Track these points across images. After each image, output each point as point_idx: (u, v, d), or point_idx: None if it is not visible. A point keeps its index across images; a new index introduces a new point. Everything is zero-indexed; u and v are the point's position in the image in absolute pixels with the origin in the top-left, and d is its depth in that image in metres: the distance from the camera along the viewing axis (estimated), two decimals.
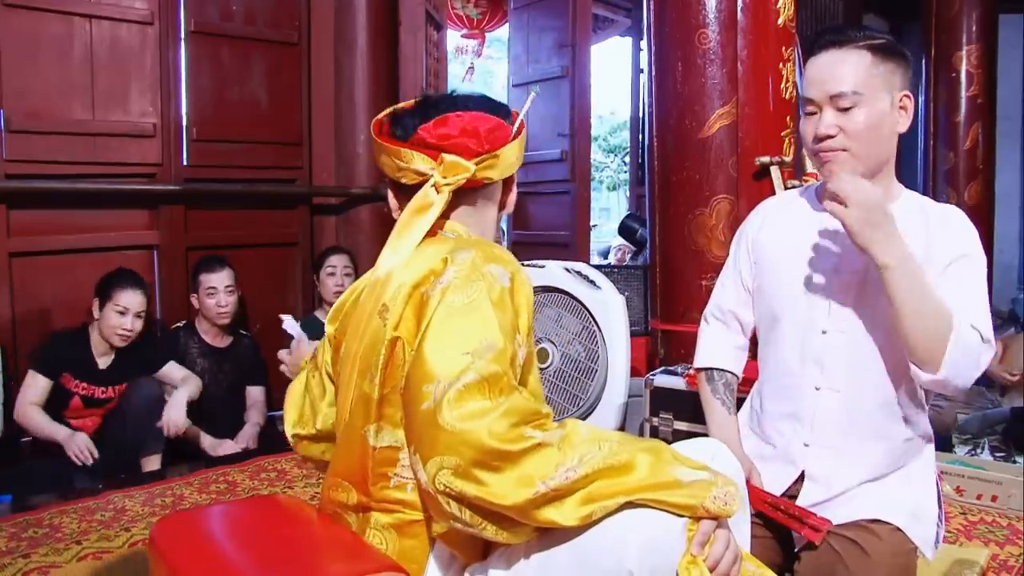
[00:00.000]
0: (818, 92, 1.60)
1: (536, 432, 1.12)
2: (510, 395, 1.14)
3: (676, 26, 3.29)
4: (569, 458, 1.11)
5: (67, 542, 2.43)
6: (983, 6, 6.39)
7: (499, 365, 1.15)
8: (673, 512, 1.13)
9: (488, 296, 1.22)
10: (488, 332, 1.18)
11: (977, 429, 3.77)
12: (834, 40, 1.60)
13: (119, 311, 3.20)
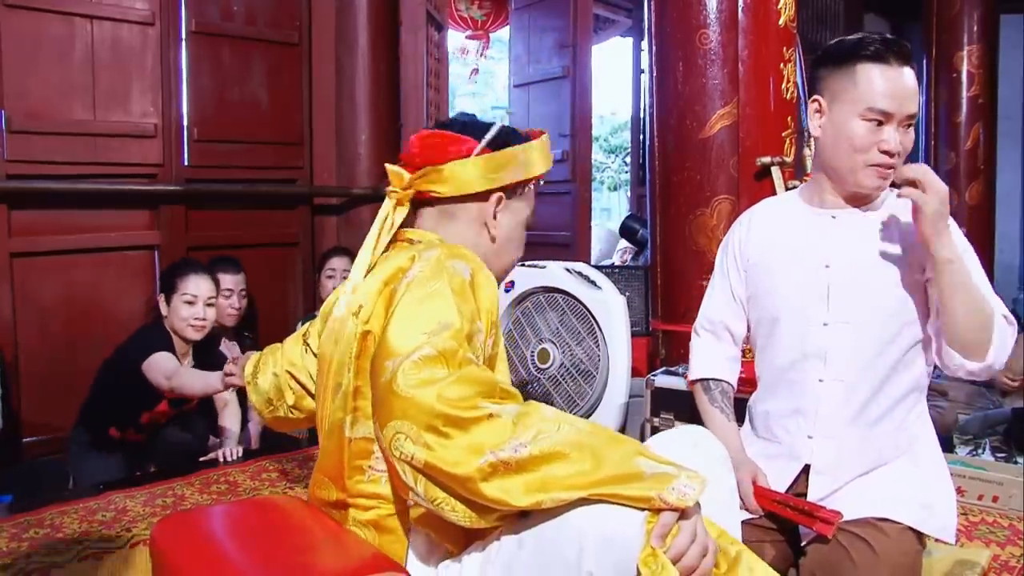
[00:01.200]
0: (898, 108, 1.59)
1: (490, 404, 1.14)
2: (466, 367, 1.17)
3: (677, 26, 3.29)
4: (523, 433, 1.11)
5: (68, 542, 2.43)
6: (984, 6, 6.38)
7: (455, 341, 1.20)
8: (631, 505, 1.12)
9: (449, 285, 1.28)
10: (446, 314, 1.24)
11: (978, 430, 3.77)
12: (902, 55, 1.60)
13: (188, 300, 3.00)
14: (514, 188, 1.55)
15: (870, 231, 1.69)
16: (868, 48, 1.60)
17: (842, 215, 1.72)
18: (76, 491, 2.86)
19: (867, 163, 1.61)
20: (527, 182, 1.57)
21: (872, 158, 1.61)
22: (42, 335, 3.48)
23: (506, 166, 1.51)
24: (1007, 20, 6.99)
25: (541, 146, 1.58)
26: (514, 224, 1.58)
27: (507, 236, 1.56)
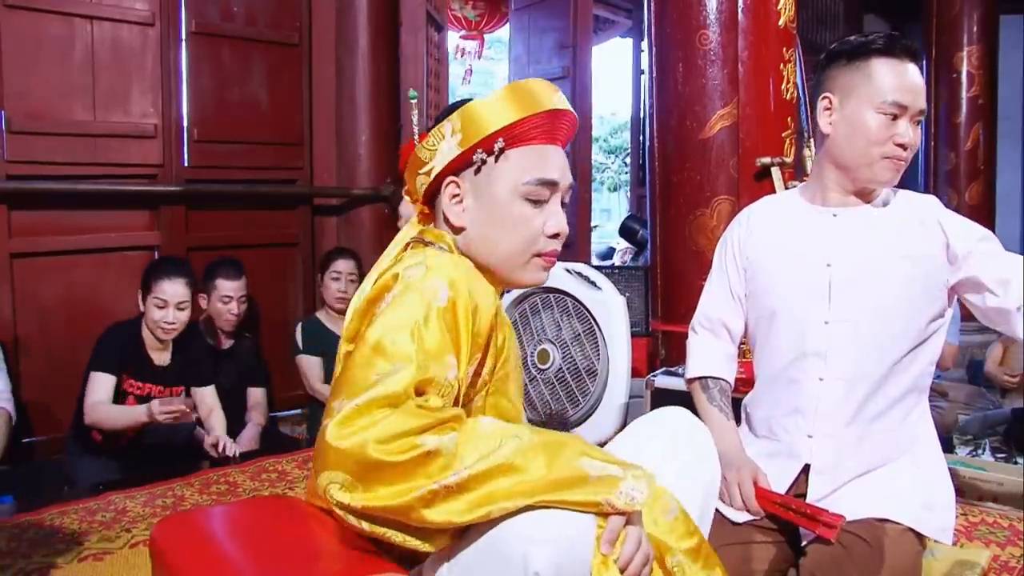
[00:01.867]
0: (912, 102, 1.63)
1: (429, 438, 1.07)
2: (403, 408, 1.09)
3: (677, 27, 3.29)
4: (466, 458, 1.07)
5: (68, 543, 2.43)
6: (984, 7, 6.39)
7: (401, 386, 1.10)
8: (579, 510, 1.08)
9: (420, 315, 1.17)
10: (402, 356, 1.13)
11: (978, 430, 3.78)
12: (912, 53, 1.64)
13: (158, 304, 3.04)
14: (468, 161, 1.30)
15: (872, 229, 1.69)
16: (881, 44, 1.63)
17: (843, 213, 1.72)
18: (76, 492, 2.86)
19: (882, 155, 1.64)
20: (483, 145, 1.28)
21: (887, 151, 1.63)
22: (42, 336, 3.48)
23: (441, 142, 1.31)
24: (1007, 20, 7.00)
25: (510, 92, 1.31)
26: (490, 200, 1.31)
27: (484, 219, 1.31)
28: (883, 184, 1.68)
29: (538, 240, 1.31)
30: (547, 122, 1.31)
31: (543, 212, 1.32)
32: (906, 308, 1.66)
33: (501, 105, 1.29)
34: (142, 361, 3.11)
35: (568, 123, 1.35)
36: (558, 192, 1.33)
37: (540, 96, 1.30)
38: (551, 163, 1.32)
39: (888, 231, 1.69)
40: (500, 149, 1.28)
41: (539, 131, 1.31)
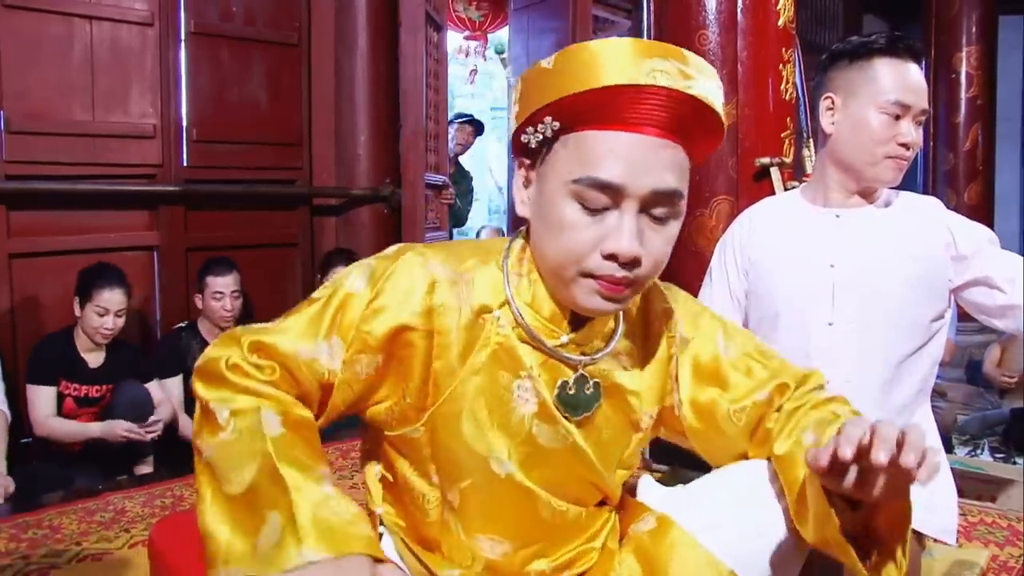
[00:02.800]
0: (915, 102, 1.63)
1: (214, 395, 1.00)
2: (226, 353, 1.02)
3: (676, 27, 3.29)
4: (213, 446, 0.98)
5: (67, 543, 2.43)
6: (983, 7, 6.39)
7: (248, 334, 1.04)
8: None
9: (325, 292, 1.07)
10: (290, 314, 1.07)
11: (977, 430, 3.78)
12: (915, 53, 1.65)
13: (99, 312, 3.15)
14: (526, 140, 1.01)
15: (875, 230, 1.69)
16: (884, 44, 1.64)
17: (846, 214, 1.72)
18: (75, 492, 2.86)
19: (885, 155, 1.65)
20: (532, 121, 0.99)
21: (890, 150, 1.64)
22: (39, 336, 3.48)
23: (519, 116, 1.03)
24: (1006, 21, 7.00)
25: (578, 54, 0.95)
26: (544, 191, 1.01)
27: (538, 214, 1.03)
28: (886, 184, 1.68)
29: (586, 257, 0.97)
30: (619, 101, 0.93)
31: (601, 223, 0.97)
32: (910, 309, 1.66)
33: (559, 70, 0.96)
34: (77, 365, 3.21)
35: (678, 105, 0.94)
36: (630, 200, 0.95)
37: (621, 61, 0.92)
38: (621, 158, 0.94)
39: (891, 232, 1.69)
40: (553, 131, 0.98)
41: (613, 111, 0.94)
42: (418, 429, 1.07)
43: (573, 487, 1.14)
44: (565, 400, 1.08)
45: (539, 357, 1.08)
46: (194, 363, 1.01)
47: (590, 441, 1.12)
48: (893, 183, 1.69)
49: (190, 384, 3.30)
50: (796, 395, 1.17)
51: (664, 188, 0.96)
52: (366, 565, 0.90)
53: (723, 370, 1.18)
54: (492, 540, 1.12)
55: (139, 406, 3.21)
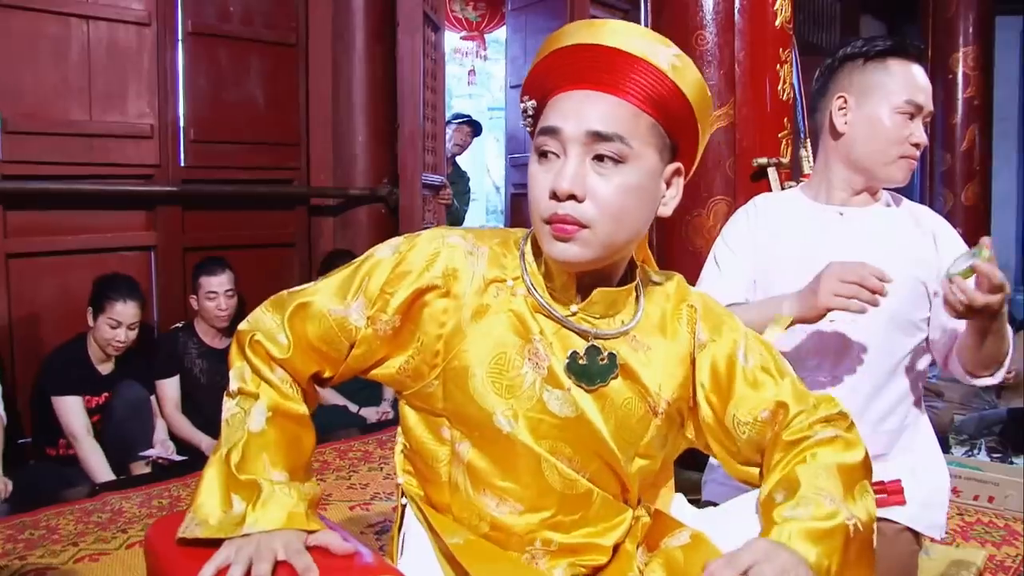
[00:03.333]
0: (926, 102, 1.65)
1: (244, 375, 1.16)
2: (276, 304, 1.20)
3: (673, 27, 3.29)
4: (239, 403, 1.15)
5: (64, 543, 2.43)
6: (980, 8, 6.39)
7: (292, 298, 1.19)
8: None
9: (362, 259, 1.21)
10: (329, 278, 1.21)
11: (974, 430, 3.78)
12: (920, 56, 1.67)
13: (111, 324, 3.15)
14: (525, 126, 1.20)
15: (877, 229, 1.70)
16: (898, 46, 1.66)
17: (850, 212, 1.73)
18: (71, 492, 2.85)
19: (900, 155, 1.67)
20: (522, 104, 1.18)
21: (904, 150, 1.66)
22: (38, 336, 3.48)
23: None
24: (1003, 22, 7.00)
25: (543, 46, 1.14)
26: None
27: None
28: (897, 183, 1.70)
29: (541, 203, 1.08)
30: (566, 63, 1.08)
31: (550, 171, 1.08)
32: (909, 307, 1.66)
33: (534, 61, 1.13)
34: (90, 375, 3.21)
35: (618, 64, 1.06)
36: (572, 144, 1.06)
37: (563, 33, 1.10)
38: (565, 110, 1.07)
39: (892, 231, 1.70)
40: (535, 110, 1.15)
41: (561, 76, 1.09)
42: (432, 383, 1.16)
43: (587, 462, 1.16)
44: (576, 370, 1.13)
45: (552, 326, 1.15)
46: (190, 364, 1.10)
47: (604, 416, 1.15)
48: (903, 183, 1.70)
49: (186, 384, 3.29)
50: (796, 424, 1.18)
51: (601, 130, 1.05)
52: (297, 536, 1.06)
53: (736, 379, 1.20)
54: (498, 498, 1.16)
55: (137, 409, 3.21)
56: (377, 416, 3.87)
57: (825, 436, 1.16)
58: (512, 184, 6.57)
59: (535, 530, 1.16)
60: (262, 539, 1.03)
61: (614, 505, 1.20)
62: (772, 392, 1.20)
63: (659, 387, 1.18)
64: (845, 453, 1.15)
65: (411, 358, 1.17)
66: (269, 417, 1.13)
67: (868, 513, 1.11)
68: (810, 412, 1.19)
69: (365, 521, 2.67)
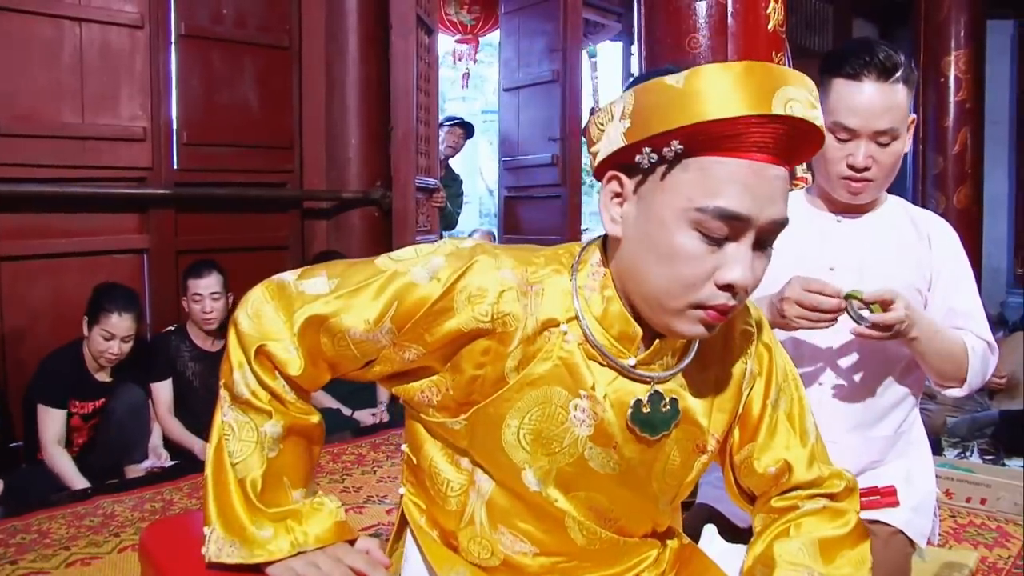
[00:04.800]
0: (862, 125, 1.57)
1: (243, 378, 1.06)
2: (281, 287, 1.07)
3: (666, 31, 3.30)
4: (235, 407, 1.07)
5: (55, 548, 2.42)
6: (971, 11, 6.42)
7: (296, 285, 1.07)
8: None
9: (393, 258, 1.06)
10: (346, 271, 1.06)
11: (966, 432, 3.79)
12: (880, 70, 1.56)
13: (104, 336, 3.10)
14: (631, 159, 0.96)
15: (875, 236, 1.69)
16: (843, 63, 1.58)
17: (847, 218, 1.72)
18: (63, 496, 2.84)
19: (839, 175, 1.62)
20: (653, 143, 0.92)
21: (842, 171, 1.61)
22: (30, 340, 3.46)
23: (610, 123, 0.98)
24: (994, 25, 7.04)
25: (712, 75, 0.89)
26: (652, 216, 0.95)
27: (641, 238, 0.97)
28: (846, 202, 1.67)
29: (701, 287, 0.94)
30: (760, 130, 0.89)
31: (720, 253, 0.93)
32: None
33: (691, 93, 0.89)
34: (86, 383, 3.17)
35: (801, 134, 0.92)
36: (750, 231, 0.93)
37: (755, 89, 0.88)
38: (747, 188, 0.91)
39: (890, 237, 1.69)
40: (676, 154, 0.92)
41: (743, 140, 0.90)
42: (459, 422, 1.06)
43: (621, 515, 1.11)
44: (641, 420, 1.03)
45: (607, 376, 1.03)
46: (183, 368, 1.05)
47: (650, 467, 1.08)
48: (853, 202, 1.67)
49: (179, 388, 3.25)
50: (792, 493, 1.16)
51: (781, 219, 0.95)
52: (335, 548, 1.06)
53: (764, 422, 1.15)
54: (515, 537, 1.09)
55: (136, 413, 3.20)
56: (372, 419, 3.87)
57: (811, 508, 1.14)
58: (506, 187, 6.57)
59: (548, 571, 1.11)
60: (318, 556, 1.04)
61: (642, 545, 1.17)
62: (785, 448, 1.15)
63: (709, 423, 1.11)
64: (830, 524, 1.13)
65: (436, 387, 1.06)
66: (284, 437, 1.06)
67: (854, 571, 1.11)
68: (812, 486, 1.15)
69: (358, 525, 2.67)
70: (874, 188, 1.63)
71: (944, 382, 1.65)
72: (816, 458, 1.16)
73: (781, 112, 0.88)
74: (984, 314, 1.70)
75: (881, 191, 1.68)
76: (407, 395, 1.09)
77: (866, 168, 1.59)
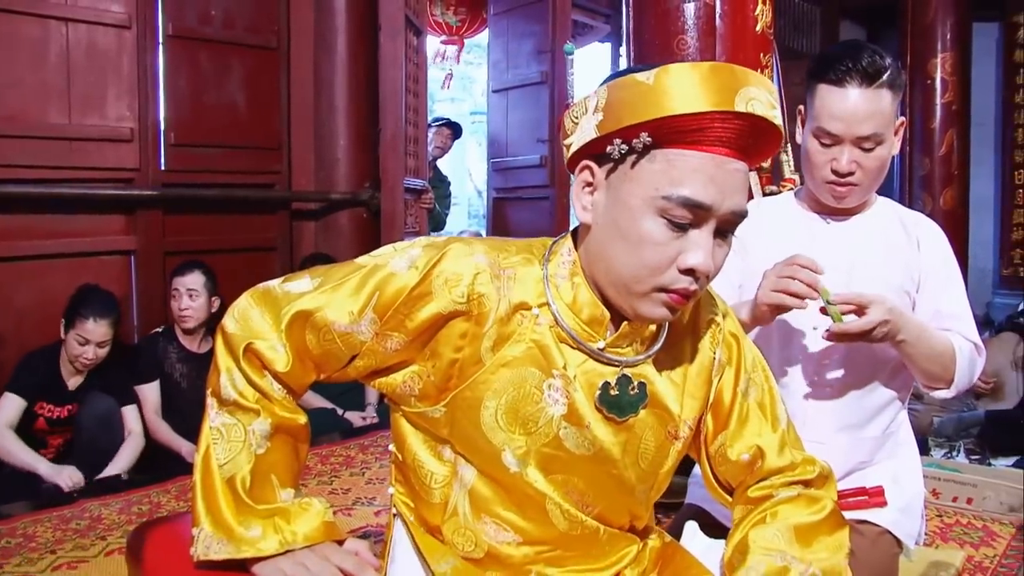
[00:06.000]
0: (845, 131, 1.57)
1: (230, 378, 1.09)
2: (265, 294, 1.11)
3: (655, 32, 3.30)
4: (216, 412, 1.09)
5: (41, 551, 2.40)
6: (957, 14, 6.47)
7: (280, 288, 1.12)
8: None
9: (373, 259, 1.10)
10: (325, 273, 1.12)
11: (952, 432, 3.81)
12: (863, 75, 1.56)
13: (79, 341, 3.07)
14: (602, 150, 1.00)
15: (864, 238, 1.70)
16: (827, 68, 1.59)
17: (836, 220, 1.73)
18: (49, 499, 2.82)
19: (823, 180, 1.63)
20: (623, 135, 0.98)
21: (827, 176, 1.62)
22: (16, 341, 3.44)
23: (583, 116, 1.03)
24: (979, 28, 7.08)
25: (681, 73, 0.96)
26: (620, 203, 1.01)
27: (609, 224, 1.03)
28: (833, 205, 1.67)
29: (665, 271, 1.00)
30: (723, 125, 0.96)
31: (683, 240, 0.99)
32: None
33: (660, 89, 0.95)
34: (58, 386, 3.14)
35: (760, 131, 0.99)
36: (711, 220, 1.00)
37: (719, 88, 0.95)
38: (710, 179, 0.98)
39: (879, 239, 1.69)
40: (644, 145, 0.97)
41: (707, 134, 0.97)
42: (439, 409, 1.09)
43: (598, 500, 1.13)
44: (608, 401, 1.08)
45: (578, 358, 1.08)
46: (171, 369, 1.05)
47: (624, 450, 1.11)
48: (838, 206, 1.67)
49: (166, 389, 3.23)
50: (766, 481, 1.18)
51: (741, 210, 1.02)
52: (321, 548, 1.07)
53: (734, 411, 1.19)
54: (498, 526, 1.11)
55: (106, 422, 3.17)
56: (362, 421, 3.87)
57: (787, 495, 1.16)
58: (494, 188, 6.57)
59: (532, 561, 1.13)
60: (307, 557, 1.05)
61: (622, 538, 1.18)
62: (758, 435, 1.19)
63: (681, 409, 1.15)
64: (805, 511, 1.15)
65: (418, 376, 1.09)
66: (271, 435, 1.09)
67: (831, 555, 1.12)
68: (785, 472, 1.18)
69: (347, 527, 2.66)
70: (860, 192, 1.64)
71: (931, 384, 1.65)
72: (787, 444, 1.20)
73: (743, 109, 0.95)
74: (971, 316, 1.70)
75: (868, 194, 1.68)
76: (390, 389, 1.12)
77: (850, 173, 1.59)
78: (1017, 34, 7.42)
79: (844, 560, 1.13)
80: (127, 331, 3.79)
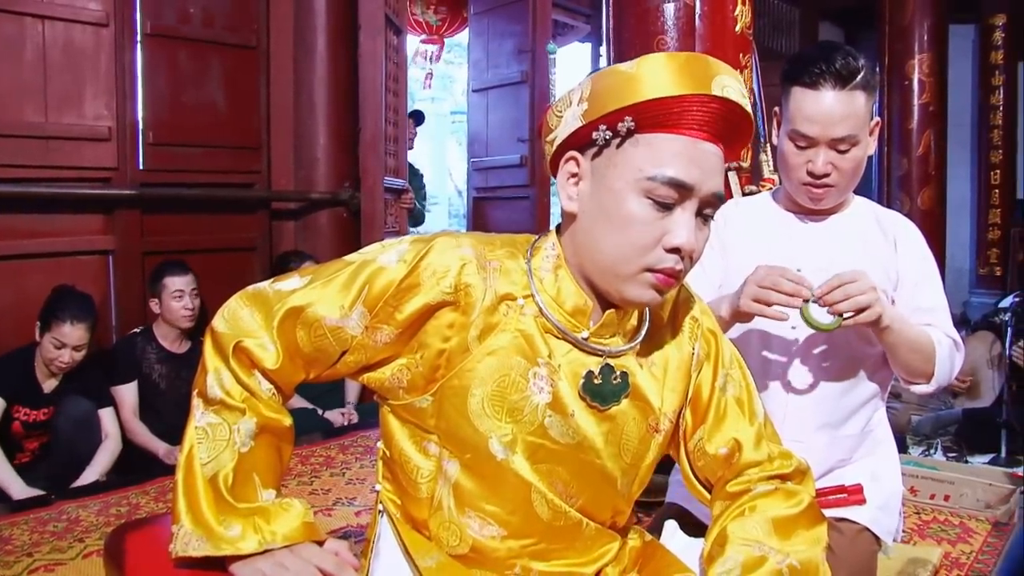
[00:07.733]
0: (820, 133, 1.58)
1: (218, 377, 1.08)
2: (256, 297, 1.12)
3: (635, 33, 3.31)
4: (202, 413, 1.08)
5: (17, 554, 2.38)
6: (934, 16, 6.53)
7: (271, 289, 1.13)
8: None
9: (361, 257, 1.13)
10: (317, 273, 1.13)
11: (930, 430, 3.85)
12: (837, 78, 1.56)
13: (55, 344, 3.02)
14: (591, 136, 1.05)
15: (842, 237, 1.71)
16: (801, 71, 1.59)
17: (813, 219, 1.74)
18: (26, 501, 2.80)
19: (799, 181, 1.64)
20: (608, 120, 1.03)
21: (802, 177, 1.63)
22: None
23: (568, 108, 1.08)
24: (956, 30, 7.15)
25: (659, 62, 1.02)
26: (605, 188, 1.06)
27: (595, 209, 1.07)
28: (809, 206, 1.69)
29: (650, 251, 1.04)
30: (700, 109, 1.02)
31: (667, 220, 1.04)
32: None
33: (641, 76, 1.01)
34: (32, 389, 3.09)
35: (734, 118, 1.05)
36: (693, 199, 1.04)
37: (696, 74, 1.01)
38: (691, 160, 1.03)
39: (857, 239, 1.71)
40: (628, 129, 1.02)
41: (686, 118, 1.02)
42: (426, 399, 1.11)
43: (581, 492, 1.14)
44: (591, 390, 1.11)
45: (563, 348, 1.11)
46: (149, 370, 1.03)
47: (607, 440, 1.13)
48: (815, 207, 1.68)
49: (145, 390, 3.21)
50: (744, 475, 1.20)
51: (719, 192, 1.06)
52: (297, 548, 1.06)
53: (712, 406, 1.22)
54: (482, 521, 1.13)
55: (83, 426, 3.13)
56: (342, 419, 3.86)
57: (764, 490, 1.18)
58: (474, 188, 6.57)
59: (517, 556, 1.14)
60: (287, 557, 1.04)
61: (604, 534, 1.19)
62: (735, 429, 1.21)
63: (662, 402, 1.18)
64: (783, 504, 1.17)
65: (406, 368, 1.11)
66: (256, 434, 1.09)
67: (808, 548, 1.14)
68: (763, 465, 1.21)
69: (327, 527, 2.65)
70: (836, 193, 1.65)
71: (912, 378, 1.66)
72: (764, 437, 1.23)
73: (719, 94, 1.01)
74: (949, 313, 1.72)
75: (844, 195, 1.69)
76: (379, 383, 1.14)
77: (826, 175, 1.61)
78: (993, 36, 7.50)
79: (822, 553, 1.15)
80: (105, 332, 3.76)
